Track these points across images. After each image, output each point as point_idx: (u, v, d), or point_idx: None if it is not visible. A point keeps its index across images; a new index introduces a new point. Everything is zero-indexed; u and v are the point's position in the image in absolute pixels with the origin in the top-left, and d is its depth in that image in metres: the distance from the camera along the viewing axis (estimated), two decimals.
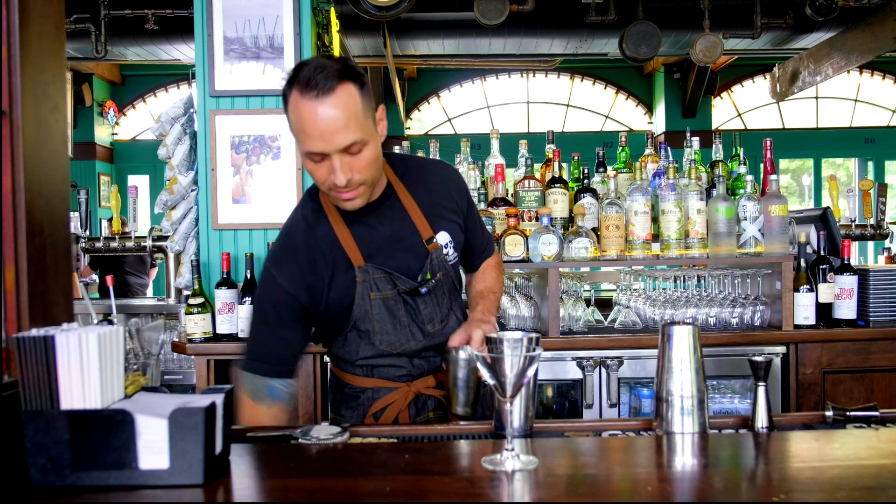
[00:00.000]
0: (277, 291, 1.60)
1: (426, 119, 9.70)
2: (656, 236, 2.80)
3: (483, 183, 3.13)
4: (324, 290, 1.61)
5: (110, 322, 2.11)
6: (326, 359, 2.75)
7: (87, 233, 3.96)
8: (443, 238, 1.70)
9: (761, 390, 1.45)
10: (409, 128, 9.55)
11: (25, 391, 1.10)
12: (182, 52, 5.68)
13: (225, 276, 2.77)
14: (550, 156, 3.05)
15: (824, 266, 2.80)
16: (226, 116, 2.95)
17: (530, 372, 1.20)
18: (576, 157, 3.23)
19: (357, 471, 1.21)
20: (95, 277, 4.97)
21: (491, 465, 1.16)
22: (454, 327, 1.71)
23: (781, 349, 2.76)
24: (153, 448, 1.09)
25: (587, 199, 2.92)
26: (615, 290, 3.30)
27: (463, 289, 1.85)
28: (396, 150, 3.04)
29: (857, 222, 3.80)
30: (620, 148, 3.25)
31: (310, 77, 1.38)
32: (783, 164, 9.60)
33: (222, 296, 2.75)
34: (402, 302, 1.65)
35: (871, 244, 7.85)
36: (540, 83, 9.40)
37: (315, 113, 1.39)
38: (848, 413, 1.55)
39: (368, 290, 1.61)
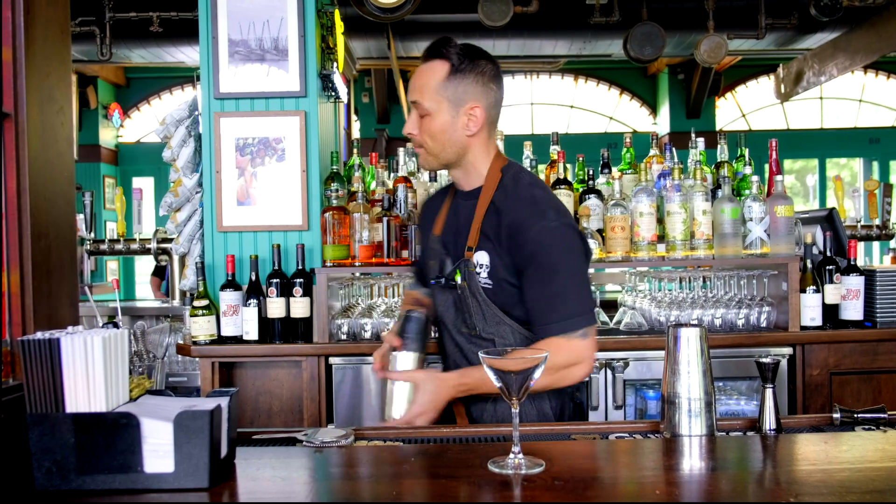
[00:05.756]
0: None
1: None
2: (661, 237, 2.78)
3: None
4: (423, 239, 2.00)
5: (115, 325, 2.11)
6: (332, 361, 2.75)
7: (92, 235, 3.96)
8: (481, 257, 1.72)
9: (769, 392, 1.44)
10: None
11: (30, 394, 1.10)
12: (186, 55, 5.69)
13: (229, 278, 2.77)
14: (555, 157, 3.04)
15: (830, 267, 2.78)
16: (230, 118, 2.95)
17: (537, 374, 1.19)
18: (580, 159, 3.22)
19: (363, 474, 1.20)
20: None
21: (498, 468, 1.15)
22: (485, 346, 1.67)
23: (788, 350, 2.74)
24: (158, 451, 1.08)
25: (592, 201, 2.91)
26: (620, 292, 3.29)
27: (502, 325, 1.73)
28: (401, 151, 3.03)
29: (862, 223, 3.78)
30: (625, 149, 3.24)
31: (429, 47, 1.75)
32: (787, 164, 9.57)
33: (227, 298, 2.75)
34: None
35: (876, 244, 7.83)
36: (544, 84, 9.40)
37: (416, 70, 1.77)
38: (856, 415, 1.54)
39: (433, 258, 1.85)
